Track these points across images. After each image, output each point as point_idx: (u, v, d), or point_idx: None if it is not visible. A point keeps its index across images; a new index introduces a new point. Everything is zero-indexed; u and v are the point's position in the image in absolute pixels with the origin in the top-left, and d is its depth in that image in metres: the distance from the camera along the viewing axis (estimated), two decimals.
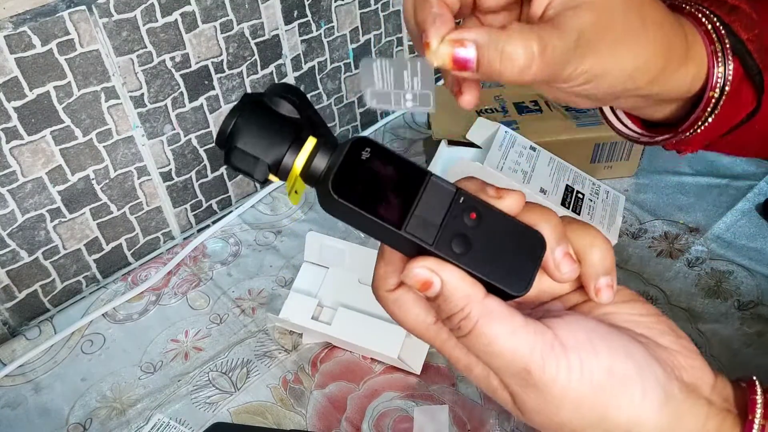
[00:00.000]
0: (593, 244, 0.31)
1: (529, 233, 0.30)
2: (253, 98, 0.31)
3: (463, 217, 0.29)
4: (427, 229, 0.29)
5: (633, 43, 0.33)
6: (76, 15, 0.63)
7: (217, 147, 0.31)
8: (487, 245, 0.29)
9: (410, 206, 0.29)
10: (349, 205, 0.29)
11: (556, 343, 0.28)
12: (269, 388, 0.64)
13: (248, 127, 0.30)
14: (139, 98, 0.72)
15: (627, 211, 0.78)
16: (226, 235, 0.81)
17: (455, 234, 0.29)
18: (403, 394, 0.62)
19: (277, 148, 0.30)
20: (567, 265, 0.31)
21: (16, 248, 0.69)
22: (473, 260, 0.29)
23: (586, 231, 0.32)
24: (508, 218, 0.30)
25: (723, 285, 0.69)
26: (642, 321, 0.31)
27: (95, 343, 0.70)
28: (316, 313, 0.65)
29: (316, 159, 0.30)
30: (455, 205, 0.29)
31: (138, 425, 0.61)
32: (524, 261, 0.30)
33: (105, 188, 0.74)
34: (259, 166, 0.30)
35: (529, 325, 0.29)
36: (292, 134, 0.30)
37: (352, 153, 0.29)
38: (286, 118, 0.31)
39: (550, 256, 0.30)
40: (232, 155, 0.30)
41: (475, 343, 0.29)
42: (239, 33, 0.77)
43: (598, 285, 0.31)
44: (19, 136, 0.64)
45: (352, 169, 0.29)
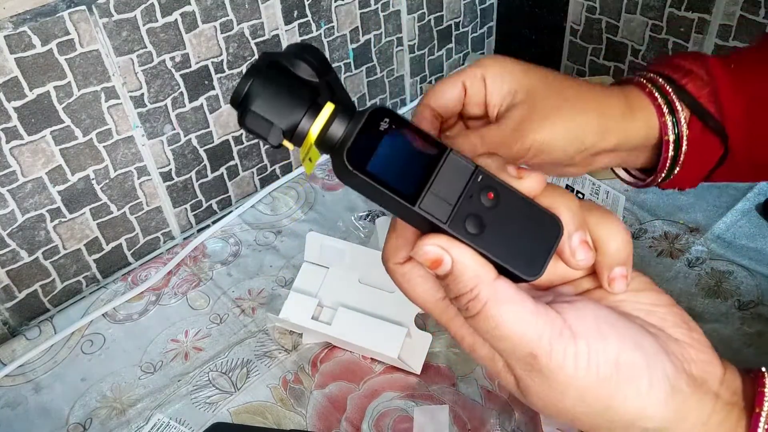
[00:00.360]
0: (611, 232, 0.31)
1: (546, 217, 0.29)
2: (271, 58, 0.30)
3: (480, 196, 0.28)
4: (442, 207, 0.28)
5: (558, 116, 0.41)
6: (76, 15, 0.63)
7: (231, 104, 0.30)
8: (502, 226, 0.28)
9: (426, 181, 0.28)
10: (362, 177, 0.28)
11: (565, 330, 0.28)
12: (269, 388, 0.64)
13: (264, 90, 0.29)
14: (139, 98, 0.72)
15: (627, 211, 0.78)
16: (226, 235, 0.81)
17: (470, 213, 0.28)
18: (403, 394, 0.62)
19: (292, 114, 0.29)
20: (583, 253, 0.30)
21: (16, 248, 0.69)
22: (486, 241, 0.28)
23: (605, 219, 0.31)
24: (526, 200, 0.29)
25: (723, 285, 0.69)
26: (655, 311, 0.31)
27: (95, 343, 0.70)
28: (316, 313, 0.65)
29: (332, 126, 0.29)
30: (473, 183, 0.28)
31: (138, 425, 0.61)
32: (539, 245, 0.29)
33: (105, 188, 0.74)
34: (273, 131, 0.29)
35: (539, 310, 0.28)
36: (308, 99, 0.29)
37: (370, 122, 0.28)
38: (303, 81, 0.30)
39: (567, 241, 0.30)
40: (247, 117, 0.29)
41: (482, 324, 0.28)
42: (239, 33, 0.77)
43: (612, 275, 0.31)
44: (19, 136, 0.64)
45: (369, 140, 0.28)
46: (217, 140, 0.82)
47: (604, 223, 0.31)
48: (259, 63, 0.30)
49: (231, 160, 0.85)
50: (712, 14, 0.85)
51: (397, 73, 1.00)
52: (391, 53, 0.97)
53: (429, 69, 1.05)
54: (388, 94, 1.01)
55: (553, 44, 1.07)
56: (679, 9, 0.88)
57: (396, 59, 0.99)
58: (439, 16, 1.01)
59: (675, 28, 0.90)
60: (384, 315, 0.64)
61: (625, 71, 0.99)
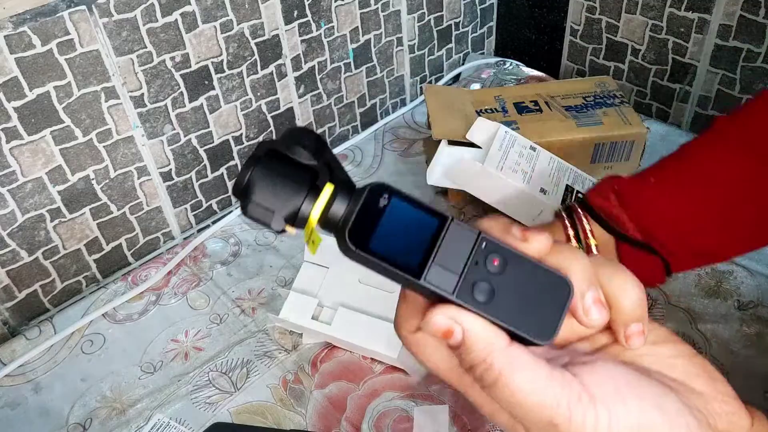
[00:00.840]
0: (624, 288, 0.30)
1: (555, 278, 0.29)
2: (268, 146, 0.31)
3: (485, 263, 0.28)
4: (448, 278, 0.28)
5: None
6: (76, 15, 0.63)
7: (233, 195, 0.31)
8: (511, 292, 0.28)
9: (430, 254, 0.28)
10: (366, 255, 0.28)
11: (584, 395, 0.27)
12: (269, 388, 0.64)
13: (264, 179, 0.30)
14: (139, 98, 0.72)
15: None
16: (226, 235, 0.81)
17: (477, 281, 0.28)
18: (403, 394, 0.62)
19: (293, 199, 0.30)
20: (596, 312, 0.29)
21: (16, 248, 0.69)
22: (496, 308, 0.28)
23: (617, 274, 0.30)
24: (533, 263, 0.29)
25: (723, 285, 0.69)
26: (675, 363, 0.30)
27: (95, 343, 0.70)
28: (316, 313, 0.65)
29: (333, 206, 0.30)
30: (477, 251, 0.28)
31: (138, 425, 0.61)
32: (550, 307, 0.29)
33: (105, 188, 0.74)
34: (275, 218, 0.30)
35: (554, 376, 0.28)
36: (307, 183, 0.30)
37: (370, 200, 0.29)
38: (302, 165, 0.30)
39: (579, 301, 0.29)
40: (249, 207, 0.30)
41: (498, 394, 0.28)
42: (239, 33, 0.77)
43: (629, 332, 0.30)
44: (19, 136, 0.64)
45: (370, 217, 0.29)
46: (217, 140, 0.82)
47: (616, 278, 0.30)
48: (258, 152, 0.31)
49: (231, 160, 0.85)
50: (712, 14, 0.85)
51: (397, 73, 1.00)
52: (391, 53, 0.97)
53: (429, 69, 1.05)
54: (388, 94, 1.01)
55: (553, 44, 1.07)
56: (679, 9, 0.88)
57: (396, 59, 0.99)
58: (439, 16, 1.01)
59: (675, 28, 0.90)
60: (384, 315, 0.64)
61: (625, 71, 0.99)
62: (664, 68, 0.94)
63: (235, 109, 0.81)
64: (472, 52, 1.12)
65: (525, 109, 0.83)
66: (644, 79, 0.98)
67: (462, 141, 0.76)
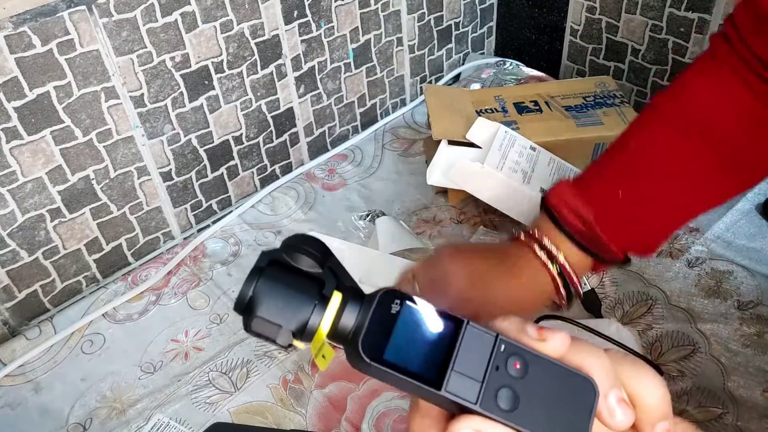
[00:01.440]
0: (647, 386, 0.29)
1: (578, 379, 0.27)
2: (271, 256, 0.29)
3: (507, 367, 0.27)
4: (469, 385, 0.26)
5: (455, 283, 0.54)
6: (76, 15, 0.63)
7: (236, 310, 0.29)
8: (536, 396, 0.27)
9: (448, 361, 0.26)
10: (380, 367, 0.26)
11: None
12: (269, 388, 0.64)
13: (269, 293, 0.28)
14: (139, 98, 0.72)
15: None
16: (226, 235, 0.81)
17: (500, 386, 0.26)
18: (403, 394, 0.62)
19: (300, 312, 0.28)
20: (621, 413, 0.28)
21: (16, 248, 0.69)
22: (523, 416, 0.26)
23: (638, 371, 0.29)
24: (554, 364, 0.27)
25: (723, 285, 0.69)
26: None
27: (95, 343, 0.70)
28: None
29: (343, 317, 0.28)
30: (497, 354, 0.27)
31: (138, 425, 0.61)
32: (576, 411, 0.27)
33: (105, 188, 0.74)
34: (282, 333, 0.28)
35: None
36: (314, 293, 0.28)
37: (381, 307, 0.27)
38: (306, 275, 0.29)
39: (603, 402, 0.28)
40: (253, 323, 0.28)
41: None
42: (239, 33, 0.77)
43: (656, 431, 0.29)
44: (19, 136, 0.64)
45: (382, 325, 0.27)
46: (217, 140, 0.82)
47: (637, 376, 0.29)
48: (260, 263, 0.29)
49: (231, 160, 0.85)
50: (712, 14, 0.85)
51: (397, 73, 1.00)
52: (391, 53, 0.97)
53: (429, 69, 1.05)
54: (388, 94, 1.01)
55: (553, 44, 1.07)
56: (679, 9, 0.88)
57: (396, 59, 0.99)
58: (439, 16, 1.01)
59: (675, 28, 0.90)
60: None
61: (625, 71, 0.99)
62: (664, 68, 0.94)
63: (235, 109, 0.81)
64: (472, 52, 1.12)
65: (525, 109, 0.83)
66: (644, 79, 0.98)
67: (462, 141, 0.76)
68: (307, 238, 0.30)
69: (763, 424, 0.56)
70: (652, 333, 0.65)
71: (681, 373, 0.61)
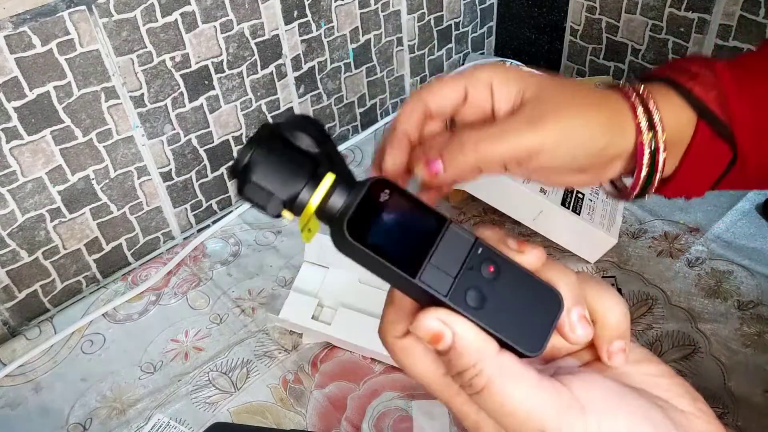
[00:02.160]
0: (609, 305, 0.31)
1: (546, 291, 0.29)
2: (271, 129, 0.30)
3: (480, 269, 0.28)
4: (443, 279, 0.28)
5: (575, 108, 0.39)
6: (76, 15, 0.63)
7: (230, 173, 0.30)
8: (503, 300, 0.28)
9: (426, 254, 0.28)
10: (362, 248, 0.27)
11: (573, 403, 0.27)
12: (269, 388, 0.64)
13: (265, 160, 0.29)
14: (139, 98, 0.72)
15: (627, 211, 0.78)
16: (226, 235, 0.81)
17: (471, 286, 0.28)
18: (403, 394, 0.62)
19: (293, 184, 0.29)
20: (582, 329, 0.30)
21: (16, 248, 0.69)
22: (488, 315, 0.28)
23: (603, 292, 0.31)
24: (527, 274, 0.29)
25: (723, 285, 0.69)
26: (657, 382, 0.30)
27: (95, 343, 0.70)
28: (316, 313, 0.65)
29: (332, 197, 0.29)
30: (473, 256, 0.28)
31: (138, 425, 0.61)
32: (540, 320, 0.29)
33: (105, 188, 0.74)
34: (272, 201, 0.29)
35: (544, 384, 0.27)
36: (309, 170, 0.29)
37: (371, 193, 0.28)
38: (303, 153, 0.30)
39: (566, 317, 0.30)
40: (246, 188, 0.29)
41: (487, 401, 0.28)
42: (239, 33, 0.77)
43: (612, 349, 0.30)
44: (19, 136, 0.64)
45: (369, 211, 0.28)
46: (217, 140, 0.82)
47: (601, 296, 0.31)
48: (260, 133, 0.30)
49: (231, 160, 0.85)
50: (712, 14, 0.85)
51: (397, 73, 1.00)
52: (391, 53, 0.97)
53: (429, 69, 1.05)
54: (388, 94, 1.01)
55: (553, 44, 1.07)
56: (679, 9, 0.88)
57: (396, 59, 0.99)
58: (439, 16, 1.01)
59: (675, 28, 0.90)
60: None
61: (625, 71, 0.99)
62: None
63: (235, 109, 0.81)
64: (472, 52, 1.12)
65: None
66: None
67: None
68: (309, 119, 0.31)
69: (763, 423, 0.57)
70: (652, 333, 0.65)
71: (681, 372, 0.61)
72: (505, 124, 0.38)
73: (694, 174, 0.45)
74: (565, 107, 0.39)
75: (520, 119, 0.38)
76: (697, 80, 0.43)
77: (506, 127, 0.38)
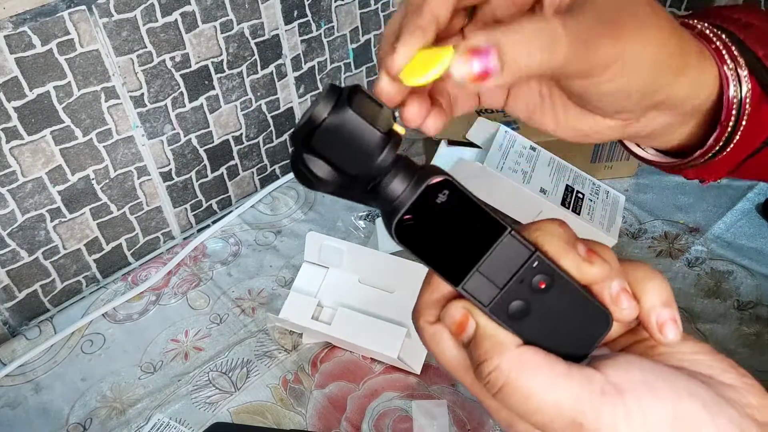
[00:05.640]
0: (648, 276, 0.28)
1: (596, 310, 0.27)
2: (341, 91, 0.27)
3: (531, 282, 0.27)
4: (488, 289, 0.27)
5: (652, 26, 0.31)
6: (76, 15, 0.63)
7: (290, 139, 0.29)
8: (546, 316, 0.27)
9: (475, 262, 0.26)
10: (408, 250, 0.27)
11: (608, 387, 0.25)
12: (269, 388, 0.64)
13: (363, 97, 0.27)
14: (139, 98, 0.72)
15: (627, 211, 0.78)
16: (226, 235, 0.81)
17: (516, 298, 0.27)
18: (403, 394, 0.62)
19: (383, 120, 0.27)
20: (626, 300, 0.27)
21: (16, 248, 0.69)
22: (526, 328, 0.27)
23: (638, 266, 0.29)
24: (578, 291, 0.27)
25: (723, 285, 0.69)
26: (700, 360, 0.28)
27: (95, 343, 0.70)
28: (316, 313, 0.65)
29: (393, 182, 0.27)
30: (527, 269, 0.27)
31: (138, 425, 0.62)
32: (582, 337, 0.27)
33: (105, 188, 0.74)
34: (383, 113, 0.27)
35: (572, 373, 0.25)
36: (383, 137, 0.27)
37: (428, 194, 0.26)
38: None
39: (606, 291, 0.27)
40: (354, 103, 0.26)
41: (511, 399, 0.26)
42: (239, 33, 0.77)
43: (662, 319, 0.28)
44: (19, 136, 0.64)
45: (422, 213, 0.26)
46: (217, 140, 0.82)
47: (637, 269, 0.29)
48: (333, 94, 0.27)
49: (231, 160, 0.85)
50: None
51: None
52: None
53: None
54: None
55: None
56: (679, 9, 0.88)
57: None
58: None
59: None
60: (384, 315, 0.64)
61: None
62: None
63: (235, 109, 0.81)
64: None
65: None
66: None
67: (462, 141, 0.76)
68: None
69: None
70: None
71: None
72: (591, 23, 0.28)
73: (737, 147, 0.37)
74: (643, 17, 0.31)
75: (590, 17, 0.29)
76: (750, 31, 0.36)
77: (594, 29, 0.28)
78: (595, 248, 0.28)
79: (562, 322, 0.27)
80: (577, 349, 0.27)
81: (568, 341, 0.27)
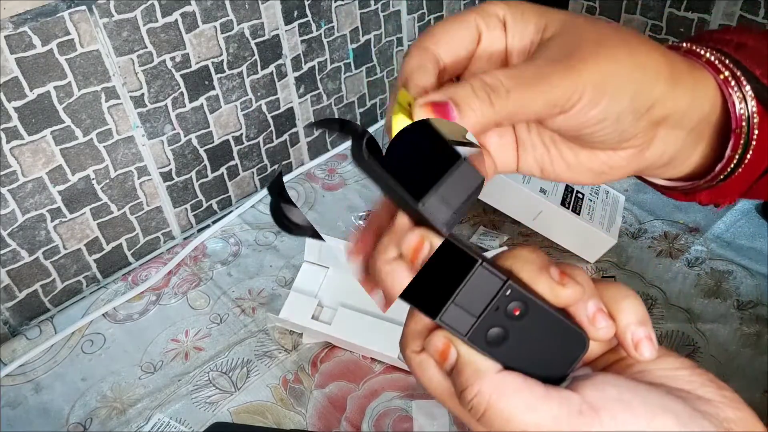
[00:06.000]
0: (622, 295, 0.29)
1: (572, 333, 0.29)
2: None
3: (505, 309, 0.28)
4: (464, 319, 0.28)
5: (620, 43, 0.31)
6: (76, 15, 0.63)
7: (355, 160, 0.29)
8: (524, 340, 0.28)
9: (450, 294, 0.27)
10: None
11: (585, 407, 0.26)
12: (269, 388, 0.64)
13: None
14: (139, 98, 0.72)
15: (627, 211, 0.78)
16: (226, 235, 0.81)
17: (492, 326, 0.28)
18: (403, 394, 0.62)
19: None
20: (602, 320, 0.28)
21: (16, 248, 0.69)
22: (505, 353, 0.28)
23: (611, 285, 0.30)
24: (554, 315, 0.28)
25: (722, 285, 0.69)
26: (679, 375, 0.29)
27: (95, 342, 0.70)
28: (316, 313, 0.65)
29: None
30: (500, 297, 0.28)
31: (138, 425, 0.62)
32: (560, 359, 0.28)
33: (105, 188, 0.74)
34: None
35: (551, 395, 0.26)
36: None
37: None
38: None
39: (582, 312, 0.28)
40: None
41: (493, 423, 0.26)
42: (239, 33, 0.77)
43: (637, 337, 0.29)
44: (20, 136, 0.64)
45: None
46: (217, 140, 0.82)
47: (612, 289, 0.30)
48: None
49: (231, 160, 0.85)
50: (712, 14, 0.85)
51: (397, 74, 1.00)
52: (391, 53, 0.97)
53: None
54: (388, 94, 1.01)
55: None
56: (679, 9, 0.88)
57: (396, 59, 0.99)
58: (439, 17, 1.01)
59: (675, 28, 0.90)
60: (384, 315, 0.64)
61: None
62: None
63: (235, 109, 0.82)
64: None
65: None
66: None
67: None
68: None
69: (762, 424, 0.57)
70: None
71: None
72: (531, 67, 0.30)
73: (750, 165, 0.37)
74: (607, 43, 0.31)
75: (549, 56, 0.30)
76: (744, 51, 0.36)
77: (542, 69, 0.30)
78: (568, 271, 0.29)
79: (539, 345, 0.28)
80: (556, 370, 0.28)
81: (547, 364, 0.28)
